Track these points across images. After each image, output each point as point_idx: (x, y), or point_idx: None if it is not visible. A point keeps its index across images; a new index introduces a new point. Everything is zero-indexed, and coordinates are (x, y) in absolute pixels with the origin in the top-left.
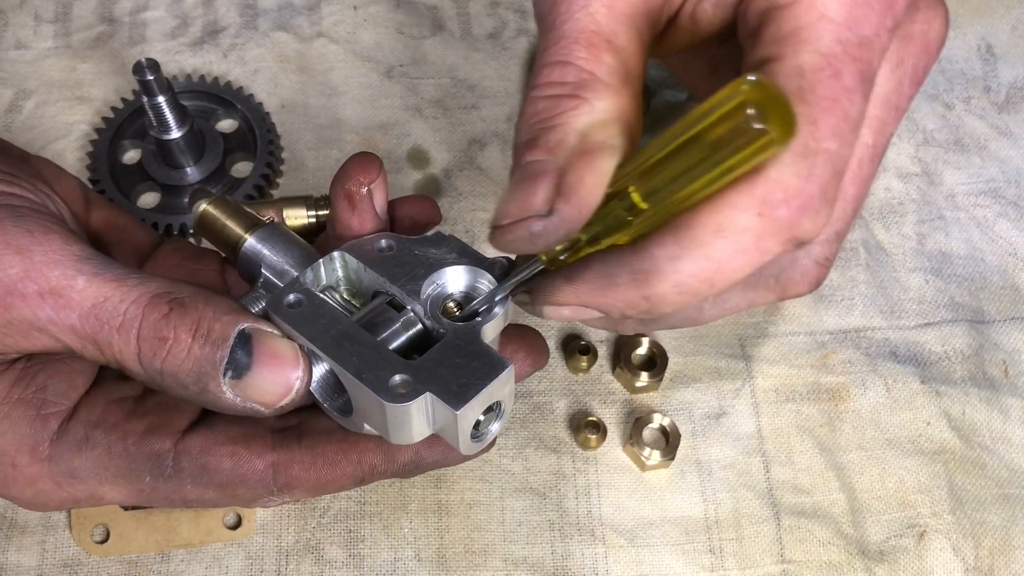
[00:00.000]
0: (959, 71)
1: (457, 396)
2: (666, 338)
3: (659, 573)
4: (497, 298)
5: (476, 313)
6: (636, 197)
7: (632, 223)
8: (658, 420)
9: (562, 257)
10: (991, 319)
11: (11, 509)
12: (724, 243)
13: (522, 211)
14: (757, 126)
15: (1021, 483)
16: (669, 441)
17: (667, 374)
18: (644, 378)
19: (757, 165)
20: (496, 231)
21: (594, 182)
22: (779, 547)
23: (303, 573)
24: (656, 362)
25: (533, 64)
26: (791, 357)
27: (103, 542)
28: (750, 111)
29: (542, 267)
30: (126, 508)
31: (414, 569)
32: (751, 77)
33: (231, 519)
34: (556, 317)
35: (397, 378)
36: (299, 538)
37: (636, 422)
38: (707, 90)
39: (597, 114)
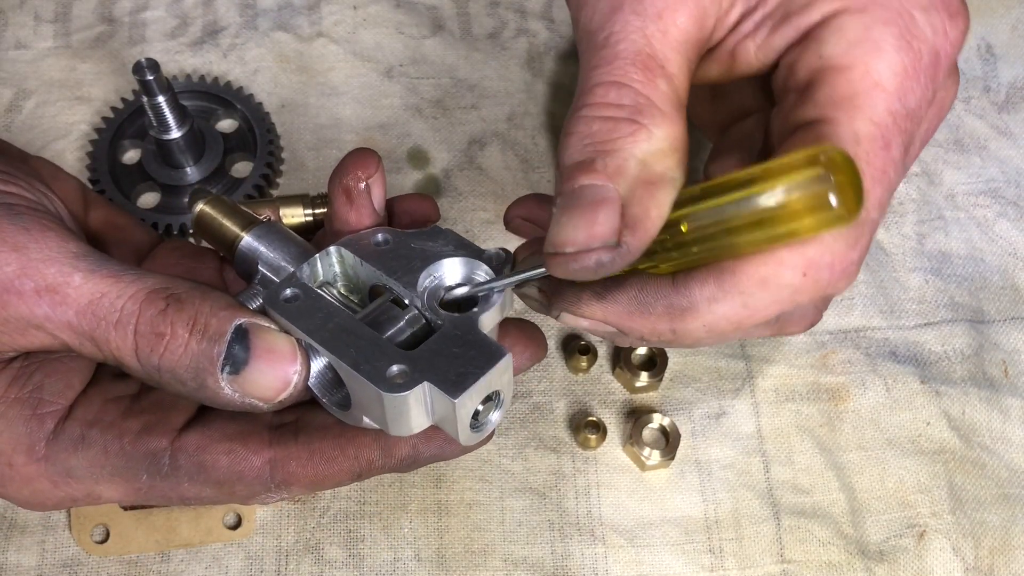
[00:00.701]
0: (959, 71)
1: (455, 385)
2: None
3: (659, 573)
4: (499, 289)
5: (474, 302)
6: (688, 236)
7: (675, 258)
8: (658, 420)
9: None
10: (991, 319)
11: (11, 509)
12: (765, 295)
13: (588, 240)
14: (835, 203)
15: (1021, 483)
16: (669, 441)
17: (667, 374)
18: (644, 378)
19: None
20: (558, 258)
21: (658, 215)
22: (779, 547)
23: (303, 573)
24: (656, 362)
25: (578, 80)
26: (791, 357)
27: (103, 542)
28: (832, 192)
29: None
30: (126, 508)
31: (414, 569)
32: (829, 148)
33: (231, 519)
34: (571, 325)
35: (395, 368)
36: (299, 538)
37: (636, 422)
38: (705, 114)
39: (656, 142)
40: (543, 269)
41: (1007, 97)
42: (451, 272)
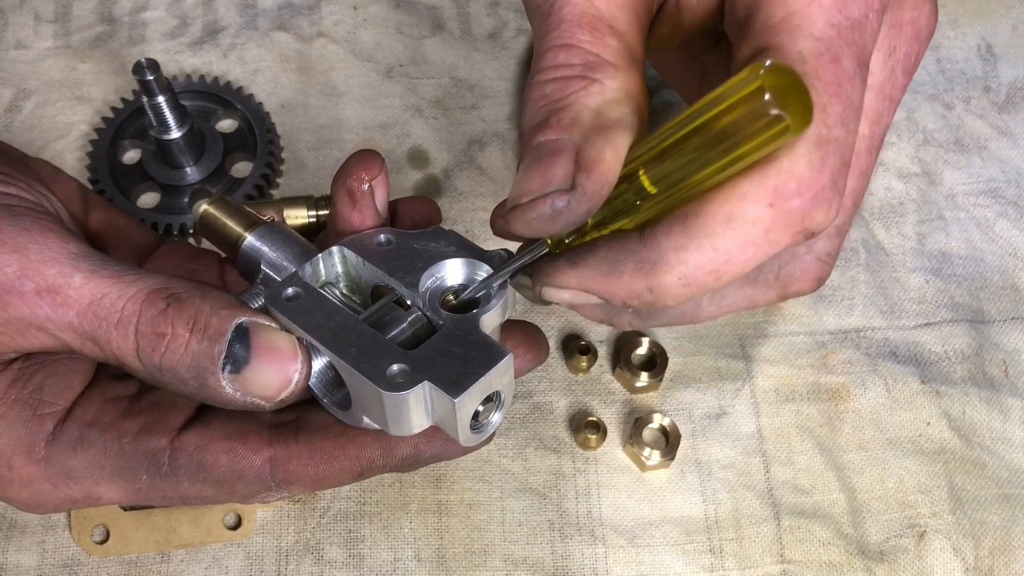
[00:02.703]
0: (959, 71)
1: (455, 385)
2: (666, 338)
3: (659, 573)
4: (497, 282)
5: (475, 300)
6: (646, 181)
7: (640, 208)
8: (658, 420)
9: (568, 241)
10: (991, 319)
11: (11, 509)
12: (734, 234)
13: (543, 187)
14: (775, 112)
15: (1021, 483)
16: (669, 441)
17: (667, 374)
18: (644, 378)
19: (769, 154)
20: (515, 211)
21: (613, 156)
22: (779, 547)
23: (303, 573)
24: (656, 362)
25: (533, 53)
26: (791, 357)
27: (103, 542)
28: (767, 97)
29: (546, 251)
30: (126, 508)
31: (414, 569)
32: (768, 62)
33: (231, 519)
34: (556, 300)
35: (395, 367)
36: (299, 538)
37: (636, 422)
38: (697, 96)
39: (609, 93)
40: (533, 253)
41: (1007, 97)
42: (453, 273)
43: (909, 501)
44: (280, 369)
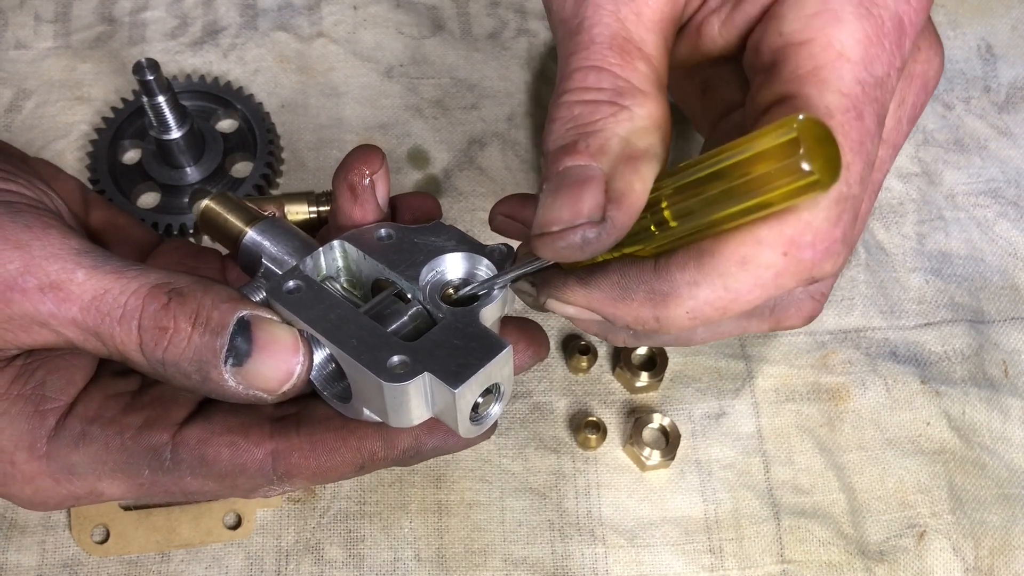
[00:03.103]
0: (959, 71)
1: (455, 375)
2: None
3: (659, 573)
4: (498, 284)
5: (475, 297)
6: (668, 213)
7: (657, 237)
8: (658, 420)
9: (586, 262)
10: (991, 319)
11: (11, 509)
12: (746, 276)
13: (574, 218)
14: (806, 167)
15: (1021, 483)
16: (669, 441)
17: (667, 374)
18: (644, 378)
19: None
20: (544, 238)
21: (642, 189)
22: (779, 547)
23: (303, 573)
24: (656, 362)
25: (557, 68)
26: (791, 357)
27: (103, 542)
28: (802, 151)
29: (551, 262)
30: (126, 508)
31: (414, 569)
32: (802, 116)
33: (231, 519)
34: (558, 312)
35: (395, 359)
36: (299, 538)
37: (636, 422)
38: (697, 110)
39: (638, 121)
40: (540, 262)
41: (1007, 97)
42: (453, 267)
43: (909, 501)
44: (282, 362)
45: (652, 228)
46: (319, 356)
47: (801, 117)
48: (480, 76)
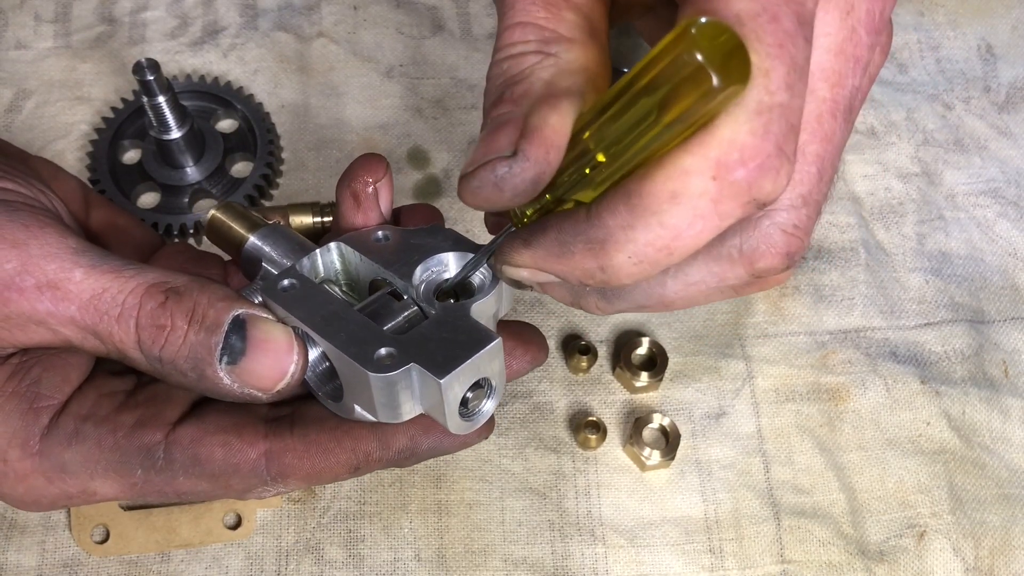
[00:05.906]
0: (959, 71)
1: (441, 367)
2: (666, 338)
3: (659, 573)
4: (475, 264)
5: (467, 291)
6: (592, 145)
7: (593, 179)
8: (658, 420)
9: (534, 219)
10: (991, 319)
11: (11, 509)
12: (680, 210)
13: (486, 156)
14: (707, 72)
15: (1021, 483)
16: (669, 441)
17: (667, 374)
18: (644, 378)
19: (709, 123)
20: (461, 180)
21: (558, 120)
22: (779, 547)
23: (303, 573)
24: (656, 362)
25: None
26: (791, 357)
27: (103, 542)
28: (699, 56)
29: (513, 230)
30: (126, 508)
31: (414, 569)
32: (702, 19)
33: (231, 519)
34: (515, 278)
35: (383, 351)
36: (299, 538)
37: (636, 422)
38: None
39: (563, 64)
40: (508, 231)
41: (1007, 97)
42: (448, 266)
43: (909, 501)
44: (276, 360)
45: (587, 171)
46: (313, 354)
47: (703, 20)
48: (480, 76)
